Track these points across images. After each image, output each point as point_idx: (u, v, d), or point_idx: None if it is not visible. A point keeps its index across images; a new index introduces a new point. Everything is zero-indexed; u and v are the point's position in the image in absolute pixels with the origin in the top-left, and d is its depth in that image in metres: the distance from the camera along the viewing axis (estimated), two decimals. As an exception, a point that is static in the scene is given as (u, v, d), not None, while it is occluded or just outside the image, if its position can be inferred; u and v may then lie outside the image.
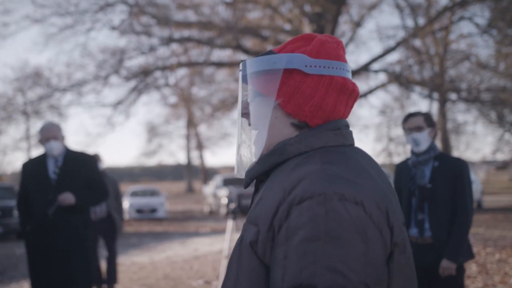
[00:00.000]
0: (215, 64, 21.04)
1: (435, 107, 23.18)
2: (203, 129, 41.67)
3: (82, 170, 4.60)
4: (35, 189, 4.49)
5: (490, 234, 11.03)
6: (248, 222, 1.20)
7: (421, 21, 19.14)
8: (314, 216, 1.07)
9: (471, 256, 3.58)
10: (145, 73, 20.31)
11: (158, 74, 21.71)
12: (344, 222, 1.07)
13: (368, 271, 1.07)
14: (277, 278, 1.09)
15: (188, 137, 43.89)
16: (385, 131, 30.10)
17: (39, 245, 4.40)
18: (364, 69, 19.38)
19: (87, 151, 4.91)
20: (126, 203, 19.55)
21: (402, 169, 3.82)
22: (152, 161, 46.28)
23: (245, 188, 1.37)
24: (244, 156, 1.36)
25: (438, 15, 17.96)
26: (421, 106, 31.80)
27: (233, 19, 17.87)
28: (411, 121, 3.68)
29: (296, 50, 1.27)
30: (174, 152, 46.62)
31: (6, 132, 37.76)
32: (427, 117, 3.69)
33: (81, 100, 20.81)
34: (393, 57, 64.72)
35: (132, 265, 9.22)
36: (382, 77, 28.07)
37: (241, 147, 1.36)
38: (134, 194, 21.39)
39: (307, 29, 18.01)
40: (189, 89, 30.43)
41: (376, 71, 20.18)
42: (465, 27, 31.67)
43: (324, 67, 1.25)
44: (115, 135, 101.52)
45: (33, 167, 4.59)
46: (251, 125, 1.31)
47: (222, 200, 19.63)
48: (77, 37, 40.94)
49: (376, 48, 73.91)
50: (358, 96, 1.34)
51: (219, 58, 21.47)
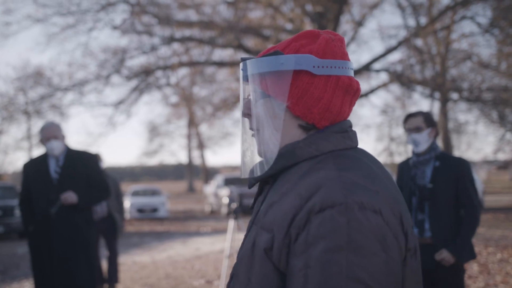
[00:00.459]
0: (217, 64, 21.04)
1: (437, 106, 23.18)
2: (204, 128, 41.74)
3: (83, 168, 4.60)
4: (37, 188, 4.49)
5: (491, 234, 11.01)
6: (261, 227, 1.18)
7: (423, 20, 19.13)
8: (336, 226, 1.06)
9: (473, 256, 3.58)
10: (146, 72, 20.32)
11: (159, 73, 21.76)
12: (366, 232, 1.07)
13: (389, 280, 1.08)
14: (297, 287, 1.08)
15: (189, 136, 43.91)
16: (387, 130, 30.12)
17: (42, 244, 4.40)
18: (366, 68, 19.37)
19: (87, 150, 4.91)
20: (127, 203, 19.56)
21: (403, 168, 3.81)
22: (153, 161, 46.35)
23: (249, 188, 1.35)
24: (249, 157, 1.34)
25: (440, 15, 17.95)
26: (423, 105, 31.77)
27: (235, 19, 17.88)
28: (410, 122, 3.67)
29: (301, 49, 1.24)
30: (175, 152, 46.77)
31: (8, 131, 37.83)
32: (427, 117, 3.67)
33: (82, 99, 20.82)
34: (395, 56, 64.76)
35: (134, 264, 9.22)
36: (383, 77, 28.10)
37: (245, 148, 1.34)
38: (135, 193, 21.41)
39: (308, 28, 17.99)
40: (190, 89, 30.46)
41: (378, 71, 20.18)
42: (467, 26, 31.73)
43: (331, 67, 1.23)
44: (117, 134, 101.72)
45: (35, 167, 4.59)
46: (254, 125, 1.28)
47: (223, 200, 19.63)
48: (79, 37, 41.07)
49: (378, 48, 73.92)
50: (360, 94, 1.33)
51: (221, 58, 21.49)
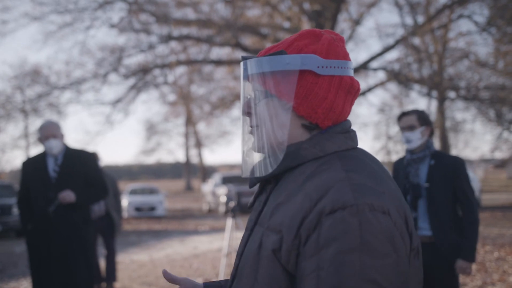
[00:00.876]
0: (214, 62, 21.02)
1: (434, 105, 23.21)
2: (202, 127, 41.73)
3: (81, 167, 4.60)
4: (36, 187, 4.49)
5: (488, 232, 11.04)
6: (267, 228, 1.18)
7: (420, 19, 19.14)
8: (348, 227, 1.06)
9: None
10: (144, 71, 20.30)
11: (157, 72, 21.74)
12: (377, 233, 1.07)
13: (400, 280, 1.09)
14: None
15: (187, 135, 43.89)
16: (384, 129, 30.12)
17: (40, 243, 4.40)
18: (363, 67, 19.38)
19: (86, 149, 4.91)
20: (125, 201, 19.55)
21: (398, 166, 3.82)
22: (151, 159, 46.31)
23: (251, 187, 1.35)
24: (250, 157, 1.33)
25: (437, 13, 17.97)
26: (420, 104, 31.84)
27: (232, 17, 17.87)
28: (404, 120, 3.67)
29: (304, 49, 1.24)
30: (173, 150, 46.68)
31: (5, 130, 37.74)
32: (421, 115, 3.66)
33: (80, 98, 20.82)
34: (392, 55, 64.86)
35: (131, 263, 9.23)
36: (381, 75, 28.07)
37: (246, 147, 1.34)
38: (133, 192, 21.40)
39: (306, 27, 18.00)
40: (188, 87, 30.44)
41: (375, 69, 20.20)
42: (464, 25, 31.79)
43: (334, 67, 1.23)
44: (114, 133, 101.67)
45: (33, 165, 4.59)
46: (257, 125, 1.27)
47: (221, 198, 19.63)
48: (76, 35, 40.94)
49: (375, 46, 73.96)
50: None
51: (218, 56, 21.47)
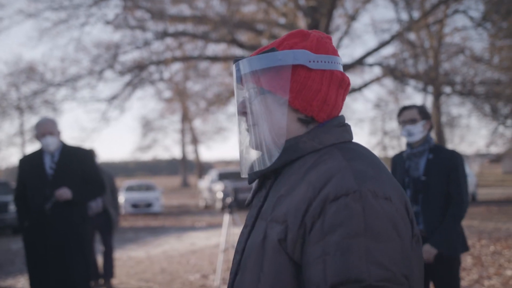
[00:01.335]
0: (210, 58, 21.01)
1: (430, 100, 23.27)
2: (198, 123, 41.73)
3: (78, 165, 4.60)
4: (32, 184, 4.49)
5: (484, 227, 11.09)
6: (271, 220, 1.20)
7: (416, 14, 19.17)
8: (352, 213, 1.09)
9: (466, 248, 3.60)
10: (139, 67, 20.27)
11: (152, 68, 21.69)
12: (381, 218, 1.10)
13: (405, 263, 1.11)
14: (317, 274, 1.10)
15: (183, 131, 43.87)
16: (380, 124, 30.21)
17: (37, 240, 4.40)
18: (359, 62, 19.39)
19: (83, 146, 4.91)
20: (121, 198, 19.56)
21: (397, 161, 3.84)
22: (147, 156, 46.33)
23: (250, 183, 1.37)
24: (247, 157, 1.36)
25: (432, 9, 17.98)
26: (416, 99, 31.87)
27: (228, 13, 17.84)
28: (405, 114, 3.70)
29: (294, 47, 1.28)
30: (169, 147, 46.72)
31: (0, 127, 37.67)
32: (422, 110, 3.70)
33: (75, 95, 20.75)
34: (388, 50, 64.90)
35: (129, 259, 9.24)
36: (376, 71, 28.15)
37: (243, 148, 1.37)
38: (130, 188, 21.40)
39: (302, 22, 18.00)
40: (184, 84, 30.37)
41: (371, 65, 20.21)
42: (460, 20, 31.85)
43: (325, 62, 1.28)
44: (110, 130, 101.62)
45: (30, 162, 4.59)
46: (253, 122, 1.30)
47: (217, 195, 19.65)
48: (71, 32, 40.68)
49: (371, 42, 74.00)
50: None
51: (214, 52, 21.45)
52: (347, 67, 18.97)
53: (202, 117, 35.50)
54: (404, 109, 3.74)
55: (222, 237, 7.12)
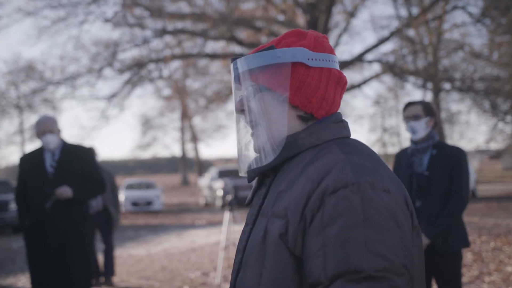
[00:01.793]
0: (209, 56, 21.00)
1: (429, 96, 23.24)
2: (197, 121, 41.71)
3: (79, 163, 4.60)
4: (33, 183, 4.49)
5: (484, 223, 11.11)
6: (272, 215, 1.21)
7: (415, 10, 19.16)
8: (351, 204, 1.10)
9: (467, 244, 3.60)
10: (139, 65, 20.26)
11: (152, 66, 21.69)
12: (380, 209, 1.11)
13: (405, 254, 1.12)
14: (317, 266, 1.10)
15: (182, 129, 43.87)
16: (379, 121, 30.27)
17: (37, 238, 4.40)
18: (358, 59, 19.40)
19: (84, 144, 4.91)
20: (121, 196, 19.55)
21: (401, 157, 3.85)
22: (147, 154, 46.28)
23: (249, 182, 1.37)
24: (246, 155, 1.37)
25: (431, 5, 17.98)
26: (415, 96, 31.90)
27: (227, 10, 17.83)
28: (409, 110, 3.71)
29: (292, 45, 1.30)
30: (168, 145, 46.61)
31: (0, 126, 37.68)
32: (426, 106, 3.70)
33: (75, 93, 20.81)
34: (387, 47, 64.72)
35: (129, 257, 9.24)
36: (376, 68, 28.13)
37: (242, 146, 1.37)
38: (130, 187, 21.40)
39: (301, 19, 17.99)
40: (183, 81, 30.36)
41: (370, 62, 20.22)
42: (459, 16, 31.85)
43: (323, 60, 1.30)
44: (110, 128, 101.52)
45: (30, 160, 4.59)
46: (252, 120, 1.31)
47: (217, 192, 19.66)
48: (70, 30, 40.78)
49: (370, 39, 73.98)
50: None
51: (213, 50, 21.45)
52: (347, 64, 18.97)
53: (202, 115, 35.45)
54: (409, 104, 3.75)
55: (223, 234, 7.12)
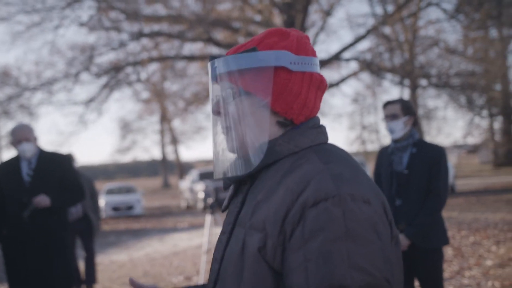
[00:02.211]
0: (187, 58, 20.93)
1: (407, 93, 23.46)
2: (177, 123, 41.57)
3: (56, 171, 4.53)
4: (10, 192, 4.41)
5: (463, 218, 11.23)
6: (250, 228, 1.17)
7: (390, 8, 19.36)
8: (332, 217, 1.07)
9: (446, 241, 3.62)
10: (116, 69, 20.12)
11: (129, 69, 21.56)
12: (361, 221, 1.08)
13: (387, 267, 1.10)
14: (299, 281, 1.07)
15: (162, 132, 43.67)
16: (358, 119, 30.45)
17: (16, 248, 4.33)
18: (336, 58, 19.49)
19: (60, 152, 4.85)
20: (102, 201, 19.38)
21: (382, 155, 3.86)
22: (126, 158, 46.14)
23: (225, 189, 1.34)
24: (222, 158, 1.32)
25: (406, 2, 18.15)
26: (393, 93, 32.16)
27: (203, 12, 17.78)
28: (388, 109, 3.71)
29: (275, 46, 1.24)
30: (148, 148, 46.44)
31: (-24, 133, 37.01)
32: (405, 105, 3.70)
33: (51, 98, 20.54)
34: (364, 45, 65.26)
35: (111, 263, 9.17)
36: (353, 66, 28.26)
37: (218, 148, 1.32)
38: (110, 191, 21.22)
39: (278, 19, 18.02)
40: (161, 84, 30.26)
41: (348, 60, 20.33)
42: (433, 13, 32.15)
43: (304, 63, 1.24)
44: (88, 133, 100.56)
45: (7, 169, 4.51)
46: (228, 124, 1.26)
47: (199, 195, 19.60)
48: (45, 35, 40.30)
49: (347, 37, 74.44)
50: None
51: (191, 52, 21.39)
52: (324, 62, 19.05)
53: (181, 117, 35.40)
54: (388, 103, 3.75)
55: (205, 237, 7.10)
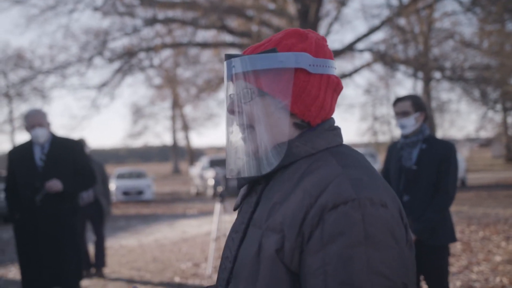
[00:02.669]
0: (200, 45, 20.91)
1: (420, 86, 23.33)
2: (188, 110, 41.63)
3: (68, 156, 4.58)
4: (22, 176, 4.47)
5: (474, 212, 11.19)
6: (267, 229, 1.17)
7: (405, -1, 19.14)
8: (352, 221, 1.07)
9: (454, 239, 3.60)
10: (129, 54, 20.15)
11: (142, 55, 21.57)
12: (379, 226, 1.09)
13: (404, 271, 1.11)
14: (318, 285, 1.08)
15: (173, 118, 43.75)
16: (370, 110, 30.33)
17: (28, 232, 4.40)
18: (349, 48, 19.38)
19: (73, 137, 4.89)
20: (112, 186, 19.49)
21: (392, 150, 3.86)
22: (138, 143, 46.18)
23: (239, 189, 1.34)
24: (237, 156, 1.31)
25: (422, -6, 17.96)
26: (406, 85, 32.03)
27: (217, -1, 17.72)
28: (398, 106, 3.70)
29: (293, 47, 1.24)
30: (159, 134, 46.52)
31: (-11, 115, 37.38)
32: (416, 101, 3.68)
33: (65, 82, 20.64)
34: (378, 36, 64.87)
35: (121, 248, 9.25)
36: (367, 56, 28.14)
37: (232, 147, 1.32)
38: (121, 176, 21.33)
39: (292, 8, 17.92)
40: (174, 70, 30.28)
41: (361, 51, 20.21)
42: (449, 5, 31.85)
43: (323, 66, 1.25)
44: (101, 117, 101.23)
45: (20, 154, 4.56)
46: (246, 123, 1.26)
47: (208, 182, 19.66)
48: (60, 19, 40.44)
49: (361, 27, 73.82)
50: None
51: (204, 39, 21.36)
52: (338, 53, 18.95)
53: (193, 104, 35.42)
54: (398, 100, 3.73)
55: (214, 225, 7.14)
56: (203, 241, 9.40)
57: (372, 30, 18.97)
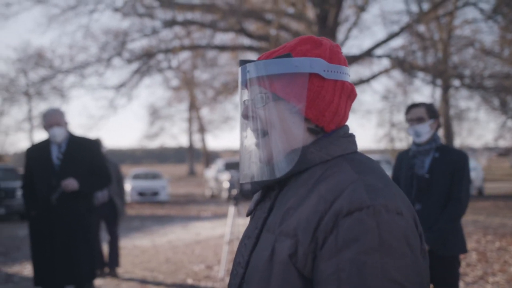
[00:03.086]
0: (218, 48, 20.97)
1: (438, 93, 23.15)
2: (205, 112, 41.76)
3: (85, 155, 4.62)
4: (39, 175, 4.52)
5: (490, 222, 11.05)
6: (280, 234, 1.17)
7: (426, 6, 19.01)
8: (366, 228, 1.07)
9: (464, 250, 3.55)
10: (147, 55, 20.28)
11: (160, 56, 21.70)
12: (394, 233, 1.08)
13: (418, 280, 1.10)
14: None
15: (190, 120, 43.94)
16: (388, 116, 30.14)
17: (43, 230, 4.43)
18: (368, 54, 19.29)
19: (90, 137, 4.93)
20: (128, 186, 19.62)
21: (402, 158, 3.82)
22: (154, 144, 46.60)
23: (252, 194, 1.34)
24: (250, 161, 1.31)
25: (442, 0, 17.82)
26: (424, 92, 31.83)
27: (237, 2, 17.77)
28: (413, 112, 3.66)
29: (308, 53, 1.25)
30: (176, 135, 46.93)
31: (9, 113, 37.88)
32: (430, 108, 3.65)
33: (83, 82, 20.83)
34: (397, 42, 64.36)
35: (134, 248, 9.29)
36: (385, 63, 28.01)
37: (246, 152, 1.32)
38: (136, 177, 21.45)
39: (311, 13, 17.90)
40: (192, 72, 30.38)
41: (380, 57, 20.10)
42: (470, 12, 31.55)
43: (337, 72, 1.25)
44: (118, 117, 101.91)
45: (37, 152, 4.61)
46: (259, 129, 1.27)
47: (223, 184, 19.68)
48: (80, 19, 40.78)
49: (380, 33, 73.56)
50: None
51: (222, 42, 21.41)
52: (356, 58, 18.89)
53: (210, 106, 35.54)
54: (412, 106, 3.69)
55: (227, 228, 7.14)
56: (216, 244, 9.41)
57: (391, 36, 18.86)
